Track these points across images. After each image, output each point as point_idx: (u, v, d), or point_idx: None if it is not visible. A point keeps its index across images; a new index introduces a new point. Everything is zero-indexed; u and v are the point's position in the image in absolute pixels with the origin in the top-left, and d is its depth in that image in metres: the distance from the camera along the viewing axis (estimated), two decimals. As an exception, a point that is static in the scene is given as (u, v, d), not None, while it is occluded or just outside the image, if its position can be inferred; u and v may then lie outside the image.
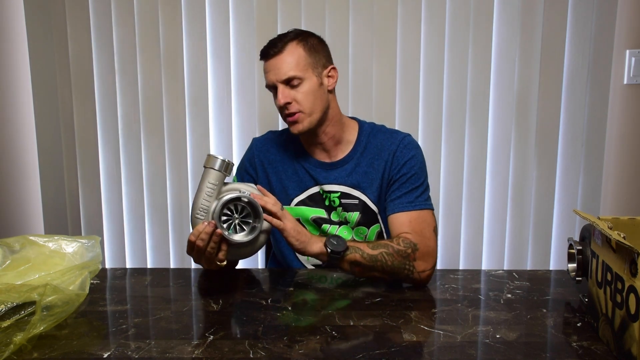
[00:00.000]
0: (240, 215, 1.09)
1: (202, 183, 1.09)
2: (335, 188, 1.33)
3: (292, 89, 1.25)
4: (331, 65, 1.32)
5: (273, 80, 1.26)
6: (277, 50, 1.25)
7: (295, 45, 1.26)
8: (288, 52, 1.25)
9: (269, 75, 1.27)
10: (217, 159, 1.08)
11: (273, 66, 1.26)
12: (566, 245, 1.12)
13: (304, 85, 1.25)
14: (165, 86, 1.93)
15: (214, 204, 1.08)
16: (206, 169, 1.09)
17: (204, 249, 1.07)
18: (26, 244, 1.14)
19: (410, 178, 1.29)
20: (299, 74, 1.24)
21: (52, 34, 1.93)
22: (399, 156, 1.30)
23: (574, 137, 1.91)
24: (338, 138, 1.34)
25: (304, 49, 1.27)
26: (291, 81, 1.25)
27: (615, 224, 1.00)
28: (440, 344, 0.91)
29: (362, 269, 1.17)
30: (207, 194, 1.08)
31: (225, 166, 1.09)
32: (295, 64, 1.25)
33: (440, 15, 1.86)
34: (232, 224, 1.09)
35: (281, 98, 1.25)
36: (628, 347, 0.82)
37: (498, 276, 1.24)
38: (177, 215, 2.00)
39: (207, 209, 1.08)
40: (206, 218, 1.08)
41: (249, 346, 0.90)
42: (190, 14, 1.89)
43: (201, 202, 1.09)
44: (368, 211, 1.33)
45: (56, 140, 1.99)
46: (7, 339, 0.88)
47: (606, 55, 1.85)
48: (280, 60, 1.25)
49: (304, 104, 1.26)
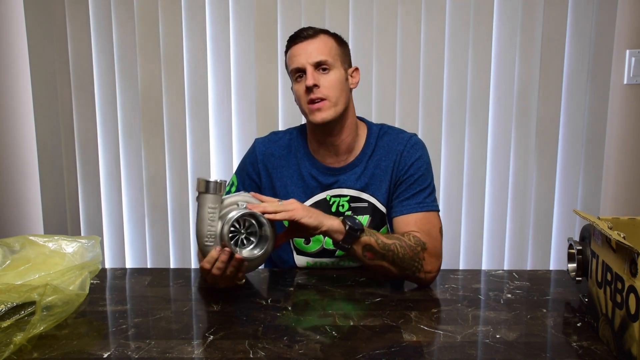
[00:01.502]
0: (246, 229, 1.08)
1: (201, 209, 1.06)
2: (345, 192, 1.30)
3: (321, 74, 1.22)
4: (355, 66, 1.31)
5: (302, 63, 1.22)
6: (310, 34, 1.24)
7: (327, 36, 1.26)
8: (321, 38, 1.24)
9: (298, 59, 1.23)
10: (210, 182, 1.05)
11: (304, 49, 1.23)
12: (566, 245, 1.12)
13: (332, 73, 1.23)
14: (165, 86, 1.93)
15: (219, 227, 1.06)
16: (202, 194, 1.06)
17: (221, 274, 1.05)
18: (26, 244, 1.14)
19: (418, 180, 1.27)
20: (330, 60, 1.22)
21: (52, 34, 1.93)
22: (405, 156, 1.28)
23: (574, 137, 1.91)
24: (350, 143, 1.30)
25: (335, 41, 1.27)
26: (321, 65, 1.22)
27: (615, 224, 1.00)
28: (440, 344, 0.91)
29: (374, 255, 1.14)
30: (210, 219, 1.06)
31: (219, 187, 1.06)
32: (328, 50, 1.23)
33: (440, 15, 1.86)
34: (238, 239, 1.08)
35: (310, 79, 1.20)
36: (628, 347, 0.82)
37: (498, 276, 1.23)
38: (177, 216, 2.00)
39: (214, 234, 1.06)
40: (215, 242, 1.06)
41: (249, 346, 0.90)
42: (190, 14, 1.89)
43: (207, 229, 1.06)
44: (377, 213, 1.30)
45: (56, 140, 1.99)
46: (7, 339, 0.88)
47: (606, 55, 1.85)
48: (312, 43, 1.23)
49: (330, 92, 1.22)
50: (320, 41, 1.24)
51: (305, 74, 1.22)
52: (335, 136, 1.28)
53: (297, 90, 1.26)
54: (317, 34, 1.24)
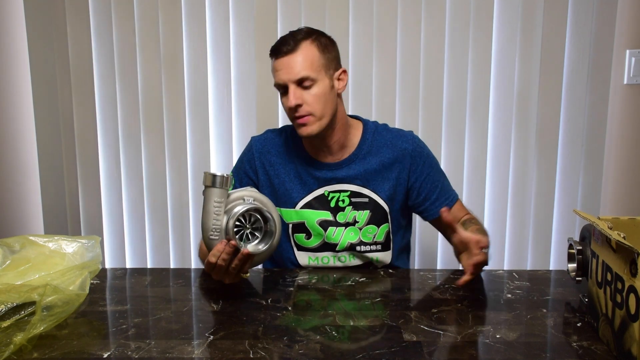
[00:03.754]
0: (251, 225, 1.09)
1: (207, 203, 1.06)
2: (345, 187, 1.31)
3: (303, 90, 1.20)
4: (342, 68, 1.27)
5: (284, 80, 1.20)
6: (290, 49, 1.19)
7: (309, 44, 1.20)
8: (302, 51, 1.19)
9: (279, 74, 1.21)
10: (216, 176, 1.05)
11: (285, 65, 1.20)
12: (566, 245, 1.12)
13: (315, 87, 1.20)
14: (165, 86, 1.93)
15: (224, 221, 1.06)
16: (208, 188, 1.06)
17: (226, 268, 1.05)
18: (26, 244, 1.14)
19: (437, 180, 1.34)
20: (312, 75, 1.19)
21: (52, 34, 1.93)
22: (419, 163, 1.32)
23: (574, 137, 1.91)
24: (343, 142, 1.31)
25: (318, 49, 1.21)
26: (303, 82, 1.19)
27: (615, 224, 1.00)
28: (440, 344, 0.91)
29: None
30: (216, 213, 1.06)
31: (225, 181, 1.06)
32: (309, 64, 1.19)
33: (440, 15, 1.86)
34: (244, 234, 1.08)
35: (292, 99, 1.19)
36: (628, 347, 0.82)
37: (498, 276, 1.23)
38: (177, 215, 2.00)
39: (220, 227, 1.06)
40: (220, 236, 1.06)
41: (249, 346, 0.90)
42: (190, 14, 1.89)
43: (212, 223, 1.06)
44: (378, 209, 1.31)
45: (56, 140, 1.99)
46: (7, 339, 0.88)
47: (606, 55, 1.85)
48: (293, 59, 1.19)
49: (314, 107, 1.21)
50: (301, 55, 1.19)
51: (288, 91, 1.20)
52: (326, 138, 1.29)
53: (282, 104, 1.25)
54: (298, 46, 1.20)
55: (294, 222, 1.33)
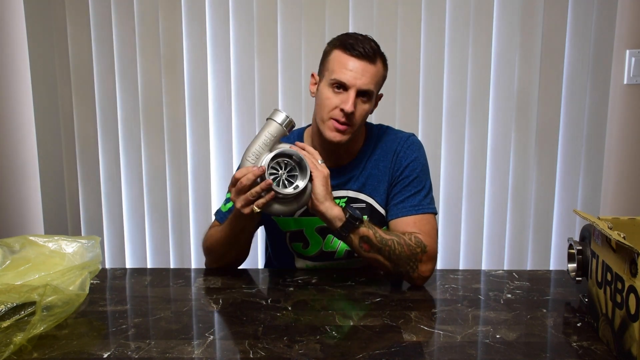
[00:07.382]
0: (287, 172, 1.11)
1: (261, 132, 1.11)
2: (342, 194, 1.29)
3: (358, 100, 1.18)
4: (381, 93, 1.27)
5: (352, 83, 1.17)
6: (371, 56, 1.18)
7: (381, 62, 1.21)
8: (378, 65, 1.19)
9: (350, 74, 1.17)
10: (282, 113, 1.11)
11: (361, 69, 1.17)
12: (566, 245, 1.12)
13: (368, 103, 1.20)
14: (165, 86, 1.93)
15: (265, 154, 1.10)
16: (269, 120, 1.11)
17: (246, 189, 1.08)
18: (26, 244, 1.14)
19: (413, 181, 1.25)
20: (374, 92, 1.20)
21: (52, 34, 1.94)
22: (402, 157, 1.27)
23: (574, 137, 1.91)
24: (350, 147, 1.29)
25: (385, 69, 1.22)
26: (365, 94, 1.18)
27: (615, 224, 1.00)
28: (440, 344, 0.91)
29: (370, 247, 1.14)
30: (264, 142, 1.10)
31: (287, 122, 1.11)
32: (377, 80, 1.20)
33: (440, 15, 1.86)
34: (278, 180, 1.10)
35: (351, 105, 1.16)
36: (628, 347, 0.82)
37: (498, 276, 1.23)
38: (177, 215, 2.00)
39: (259, 156, 1.10)
40: (255, 164, 1.10)
41: (249, 346, 0.90)
42: (190, 14, 1.89)
43: (255, 148, 1.10)
44: (376, 214, 1.29)
45: (56, 140, 1.99)
46: (7, 339, 0.88)
47: (606, 55, 1.85)
48: (369, 68, 1.18)
49: (358, 121, 1.20)
50: (376, 68, 1.19)
51: (346, 92, 1.18)
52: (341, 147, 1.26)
53: (328, 97, 1.20)
54: (376, 58, 1.19)
55: (292, 231, 1.32)
